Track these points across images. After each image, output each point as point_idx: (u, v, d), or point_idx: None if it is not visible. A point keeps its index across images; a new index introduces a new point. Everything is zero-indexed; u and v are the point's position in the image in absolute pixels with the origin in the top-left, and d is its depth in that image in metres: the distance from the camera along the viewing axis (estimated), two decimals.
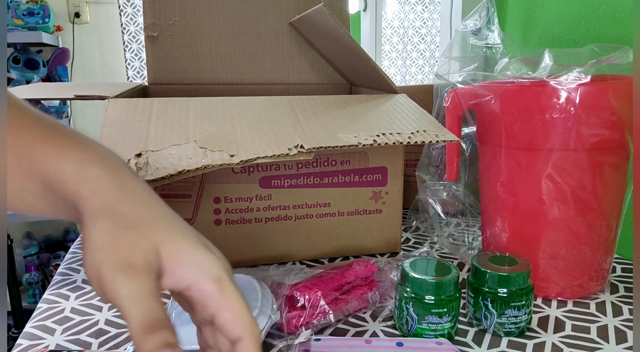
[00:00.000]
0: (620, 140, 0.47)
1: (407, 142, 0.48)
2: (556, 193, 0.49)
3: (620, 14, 0.62)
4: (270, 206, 0.60)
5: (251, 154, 0.44)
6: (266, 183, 0.59)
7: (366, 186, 0.62)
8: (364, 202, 0.62)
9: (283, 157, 0.44)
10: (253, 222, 0.60)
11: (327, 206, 0.62)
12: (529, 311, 0.45)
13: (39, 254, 2.20)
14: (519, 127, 0.49)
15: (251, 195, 0.59)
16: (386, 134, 0.49)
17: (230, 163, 0.43)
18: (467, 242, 0.67)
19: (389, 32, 1.55)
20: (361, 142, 0.47)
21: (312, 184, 0.61)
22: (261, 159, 0.44)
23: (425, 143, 0.49)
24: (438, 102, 0.62)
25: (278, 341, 0.44)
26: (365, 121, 0.52)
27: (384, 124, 0.52)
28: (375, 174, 0.62)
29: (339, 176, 0.61)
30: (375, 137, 0.48)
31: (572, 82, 0.46)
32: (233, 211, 0.59)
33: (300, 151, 0.45)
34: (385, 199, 0.63)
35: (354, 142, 0.47)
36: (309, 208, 0.61)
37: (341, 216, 0.63)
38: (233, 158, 0.43)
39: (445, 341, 0.42)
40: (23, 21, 1.93)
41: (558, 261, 0.50)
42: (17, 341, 0.46)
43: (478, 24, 0.59)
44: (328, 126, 0.50)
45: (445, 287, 0.43)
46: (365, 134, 0.48)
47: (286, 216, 0.61)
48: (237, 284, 0.49)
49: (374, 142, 0.47)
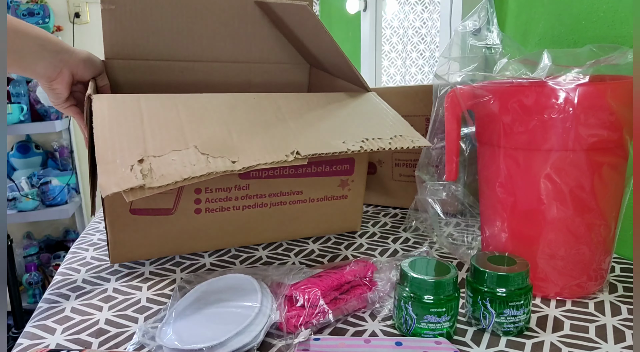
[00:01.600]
0: (619, 141, 0.48)
1: (389, 148, 0.54)
2: (555, 193, 0.49)
3: (620, 14, 0.62)
4: (248, 195, 0.63)
5: (252, 161, 0.46)
6: (245, 174, 0.62)
7: (335, 175, 0.68)
8: (332, 190, 0.68)
9: (281, 163, 0.47)
10: (231, 210, 0.64)
11: (300, 193, 0.66)
12: (528, 310, 0.45)
13: (39, 254, 2.20)
14: (517, 127, 0.49)
15: (230, 185, 0.62)
16: (369, 139, 0.54)
17: (233, 170, 0.45)
18: (466, 242, 0.67)
19: (388, 33, 1.55)
20: (350, 149, 0.51)
21: (287, 175, 0.65)
22: (262, 165, 0.46)
23: (404, 148, 0.55)
24: (437, 102, 0.63)
25: (277, 341, 0.44)
26: (349, 125, 0.56)
27: (367, 128, 0.56)
28: (344, 164, 0.68)
29: (312, 167, 0.66)
30: (362, 144, 0.53)
31: (570, 83, 0.46)
32: (213, 200, 0.62)
33: (296, 157, 0.48)
34: (351, 186, 0.69)
35: (344, 149, 0.51)
36: (283, 196, 0.66)
37: (311, 202, 0.68)
38: (235, 164, 0.45)
39: (444, 341, 0.42)
40: None
41: (557, 261, 0.51)
42: (17, 341, 0.46)
43: (477, 24, 0.59)
44: (316, 130, 0.54)
45: (444, 286, 0.43)
46: (352, 140, 0.53)
47: (262, 203, 0.65)
48: (237, 284, 0.50)
49: (360, 148, 0.52)
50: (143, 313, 0.51)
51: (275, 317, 0.44)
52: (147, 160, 0.43)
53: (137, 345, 0.43)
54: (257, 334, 0.42)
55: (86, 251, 0.69)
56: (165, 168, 0.43)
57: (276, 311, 0.45)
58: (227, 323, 0.43)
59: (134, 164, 0.43)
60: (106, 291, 0.56)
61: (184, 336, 0.42)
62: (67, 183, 2.10)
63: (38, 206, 2.01)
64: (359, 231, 0.74)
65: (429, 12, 1.31)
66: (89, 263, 0.65)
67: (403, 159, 0.85)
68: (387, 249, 0.68)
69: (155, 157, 0.44)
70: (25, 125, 1.94)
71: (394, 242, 0.70)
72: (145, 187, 0.41)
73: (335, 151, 0.50)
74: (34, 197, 1.98)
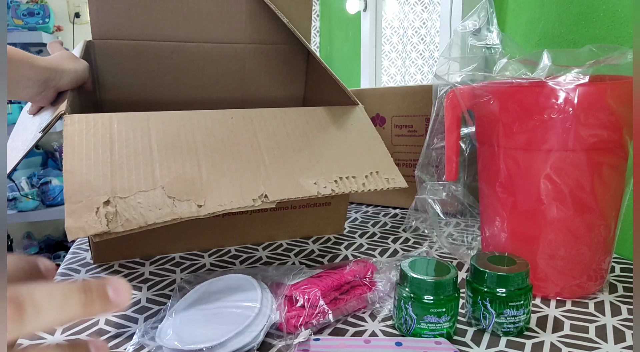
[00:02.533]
0: (619, 141, 0.48)
1: (362, 190, 0.53)
2: (555, 193, 0.49)
3: (620, 14, 0.62)
4: None
5: (217, 206, 0.46)
6: None
7: None
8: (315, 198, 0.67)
9: (248, 208, 0.48)
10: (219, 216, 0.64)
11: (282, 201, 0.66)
12: (528, 310, 0.45)
13: (39, 254, 2.20)
14: (517, 127, 0.49)
15: None
16: (343, 178, 0.53)
17: (198, 215, 0.45)
18: (466, 242, 0.67)
19: (388, 33, 1.55)
20: (320, 192, 0.51)
21: None
22: (227, 210, 0.46)
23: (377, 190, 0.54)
24: (437, 102, 0.63)
25: (277, 341, 0.44)
26: (325, 159, 0.54)
27: (342, 162, 0.55)
28: None
29: None
30: (334, 185, 0.52)
31: (570, 83, 0.46)
32: None
33: (264, 202, 0.48)
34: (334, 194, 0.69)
35: (314, 193, 0.50)
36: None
37: (293, 209, 0.70)
38: (201, 209, 0.45)
39: (444, 341, 0.42)
40: (23, 21, 1.93)
41: (557, 261, 0.50)
42: (17, 341, 0.46)
43: (477, 24, 0.59)
44: (290, 166, 0.52)
45: (443, 287, 0.43)
46: (324, 180, 0.52)
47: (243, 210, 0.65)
48: (237, 284, 0.50)
49: (332, 191, 0.51)
50: (143, 313, 0.51)
51: (275, 318, 0.44)
52: (113, 202, 0.43)
53: (137, 345, 0.43)
54: (257, 334, 0.42)
55: (86, 251, 0.69)
56: (130, 212, 0.43)
57: (276, 311, 0.45)
58: (227, 323, 0.43)
59: (100, 206, 0.43)
60: None
61: (183, 336, 0.42)
62: None
63: (38, 206, 2.01)
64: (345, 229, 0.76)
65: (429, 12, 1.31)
66: (89, 263, 0.65)
67: (403, 159, 0.85)
68: (387, 249, 0.68)
69: (121, 199, 0.44)
70: None
71: (394, 242, 0.70)
72: (110, 232, 0.42)
73: (305, 195, 0.50)
74: (34, 197, 1.98)
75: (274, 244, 0.71)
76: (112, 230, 0.42)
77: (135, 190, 0.45)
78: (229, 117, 0.54)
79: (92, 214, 0.42)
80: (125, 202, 0.44)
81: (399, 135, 0.84)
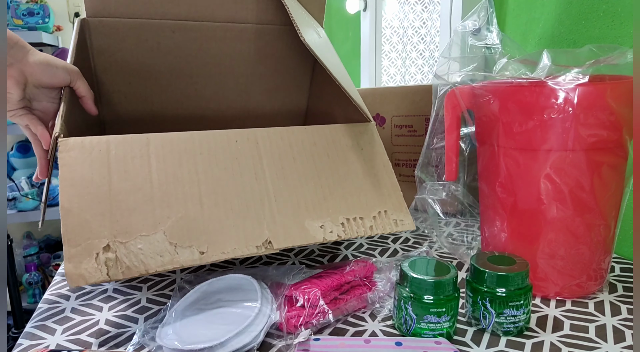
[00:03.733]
0: (619, 141, 0.48)
1: (369, 234, 0.51)
2: (555, 193, 0.49)
3: (620, 14, 0.62)
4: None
5: (220, 254, 0.45)
6: None
7: None
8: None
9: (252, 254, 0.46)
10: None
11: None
12: (528, 310, 0.45)
13: (39, 254, 2.20)
14: (517, 127, 0.49)
15: None
16: (350, 220, 0.51)
17: (200, 263, 0.44)
18: (466, 242, 0.67)
19: (388, 32, 1.55)
20: (326, 237, 0.49)
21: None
22: (230, 257, 0.45)
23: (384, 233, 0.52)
24: (437, 102, 0.63)
25: (277, 341, 0.44)
26: (332, 195, 0.52)
27: (349, 198, 0.52)
28: None
29: None
30: (340, 231, 0.50)
31: (570, 83, 0.46)
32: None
33: (267, 248, 0.47)
34: None
35: (320, 239, 0.49)
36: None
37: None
38: (203, 256, 0.44)
39: (444, 341, 0.42)
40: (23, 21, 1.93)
41: (557, 261, 0.51)
42: (17, 341, 0.46)
43: (477, 24, 0.59)
44: (295, 202, 0.50)
45: (443, 286, 0.43)
46: (331, 223, 0.50)
47: None
48: (237, 284, 0.50)
49: (338, 237, 0.49)
50: (143, 313, 0.51)
51: (275, 318, 0.44)
52: (113, 247, 0.42)
53: (137, 345, 0.43)
54: (257, 334, 0.42)
55: None
56: (131, 258, 0.42)
57: (276, 311, 0.45)
58: (227, 323, 0.43)
59: (100, 251, 0.42)
60: (106, 292, 0.56)
61: (184, 336, 0.42)
62: None
63: (38, 206, 2.01)
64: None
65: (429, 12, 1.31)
66: None
67: (403, 159, 0.85)
68: (387, 249, 0.68)
69: (121, 243, 0.42)
70: None
71: (394, 242, 0.70)
72: (110, 279, 0.41)
73: (310, 242, 0.48)
74: (34, 197, 1.98)
75: None
76: (112, 278, 0.41)
77: (136, 233, 0.43)
78: (233, 140, 0.51)
79: (92, 260, 0.41)
80: (125, 247, 0.42)
81: (399, 135, 0.84)
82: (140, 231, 0.43)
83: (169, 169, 0.47)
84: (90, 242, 0.42)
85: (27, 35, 1.83)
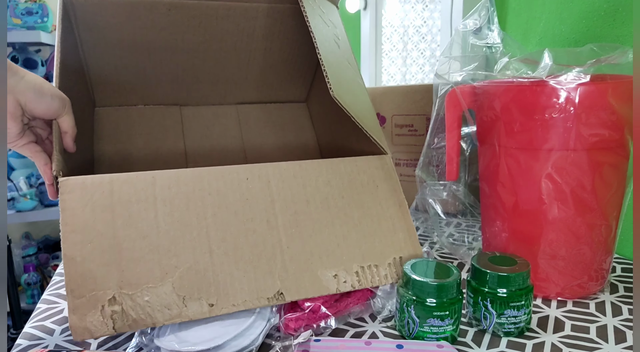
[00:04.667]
0: (620, 140, 0.47)
1: (384, 283, 0.49)
2: (556, 193, 0.49)
3: (621, 13, 0.62)
4: None
5: (230, 306, 0.43)
6: None
7: None
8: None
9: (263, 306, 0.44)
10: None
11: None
12: (529, 311, 0.45)
13: (38, 254, 2.20)
14: (518, 126, 0.49)
15: None
16: (365, 268, 0.48)
17: (209, 315, 0.43)
18: (467, 242, 0.67)
19: (389, 31, 1.55)
20: (340, 288, 0.47)
21: None
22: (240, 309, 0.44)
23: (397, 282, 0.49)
24: (438, 101, 0.62)
25: (277, 342, 0.44)
26: (346, 241, 0.49)
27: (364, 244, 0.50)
28: None
29: None
30: (354, 280, 0.48)
31: (571, 82, 0.45)
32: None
33: (279, 300, 0.45)
34: None
35: (333, 289, 0.47)
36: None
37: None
38: (212, 309, 0.43)
39: (445, 344, 0.42)
40: (21, 20, 1.92)
41: (558, 261, 0.50)
42: (16, 341, 0.46)
43: (478, 23, 0.59)
44: (309, 251, 0.47)
45: (447, 289, 0.42)
46: (344, 272, 0.48)
47: None
48: None
49: (352, 287, 0.47)
50: None
51: (275, 321, 0.44)
52: (119, 299, 0.41)
53: (136, 347, 0.43)
54: (255, 337, 0.42)
55: None
56: (138, 311, 0.41)
57: (276, 314, 0.45)
58: (226, 325, 0.42)
59: (105, 304, 0.40)
60: None
61: (182, 338, 0.42)
62: None
63: (36, 206, 2.00)
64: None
65: (430, 11, 1.31)
66: None
67: (403, 159, 0.84)
68: None
69: (127, 295, 0.41)
70: None
71: None
72: (115, 332, 0.41)
73: (323, 293, 0.46)
74: (33, 197, 1.97)
75: None
76: (118, 331, 0.41)
77: (142, 285, 0.42)
78: (244, 178, 0.48)
79: (97, 313, 0.40)
80: (131, 299, 0.41)
81: (400, 135, 0.83)
82: (147, 282, 0.42)
83: (176, 213, 0.45)
84: (95, 294, 0.41)
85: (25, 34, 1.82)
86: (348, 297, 0.48)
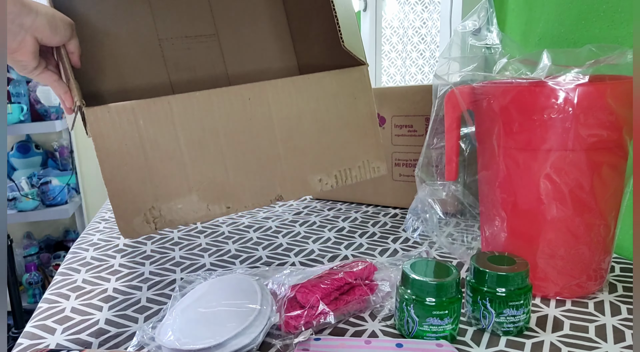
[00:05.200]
0: (618, 141, 0.48)
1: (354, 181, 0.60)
2: (554, 193, 0.49)
3: (620, 14, 0.62)
4: None
5: (242, 207, 0.55)
6: None
7: None
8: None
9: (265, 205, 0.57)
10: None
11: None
12: (528, 310, 0.45)
13: (39, 254, 2.20)
14: (517, 127, 0.49)
15: None
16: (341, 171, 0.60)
17: (228, 214, 0.55)
18: (466, 241, 0.67)
19: (388, 32, 1.55)
20: (323, 188, 0.59)
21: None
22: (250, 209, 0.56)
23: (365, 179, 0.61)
24: (437, 102, 0.63)
25: (277, 341, 0.44)
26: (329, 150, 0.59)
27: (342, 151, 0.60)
28: None
29: None
30: (334, 180, 0.60)
31: (570, 83, 0.46)
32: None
33: (278, 200, 0.57)
34: None
35: (318, 190, 0.59)
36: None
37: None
38: (229, 210, 0.55)
39: (445, 343, 0.42)
40: None
41: (556, 261, 0.51)
42: (17, 341, 0.46)
43: (477, 24, 0.59)
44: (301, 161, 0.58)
45: (446, 289, 0.43)
46: (326, 176, 0.59)
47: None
48: (237, 285, 0.50)
49: (331, 186, 0.60)
50: (143, 313, 0.51)
51: (275, 319, 0.44)
52: (157, 207, 0.51)
53: (137, 345, 0.43)
54: (256, 335, 0.42)
55: (86, 251, 0.69)
56: (173, 215, 0.52)
57: (276, 313, 0.45)
58: (227, 324, 0.43)
59: (146, 211, 0.50)
60: (106, 291, 0.56)
61: (183, 336, 0.42)
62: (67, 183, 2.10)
63: (38, 206, 2.01)
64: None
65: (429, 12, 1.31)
66: (89, 263, 0.65)
67: (403, 159, 0.85)
68: (387, 249, 0.68)
69: (163, 204, 0.51)
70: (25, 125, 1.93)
71: (394, 242, 0.70)
72: (157, 230, 0.51)
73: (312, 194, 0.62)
74: (34, 197, 1.98)
75: (274, 244, 0.71)
76: (159, 229, 0.50)
77: (174, 196, 0.52)
78: (246, 97, 0.55)
79: (140, 217, 0.50)
80: (167, 207, 0.51)
81: (399, 135, 0.84)
82: (177, 194, 0.52)
83: (194, 135, 0.52)
84: (136, 205, 0.50)
85: None
86: (347, 295, 0.48)
